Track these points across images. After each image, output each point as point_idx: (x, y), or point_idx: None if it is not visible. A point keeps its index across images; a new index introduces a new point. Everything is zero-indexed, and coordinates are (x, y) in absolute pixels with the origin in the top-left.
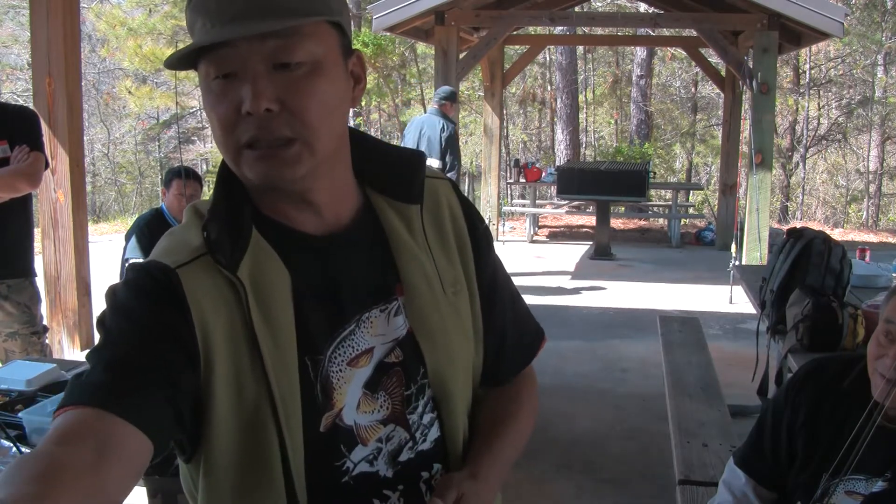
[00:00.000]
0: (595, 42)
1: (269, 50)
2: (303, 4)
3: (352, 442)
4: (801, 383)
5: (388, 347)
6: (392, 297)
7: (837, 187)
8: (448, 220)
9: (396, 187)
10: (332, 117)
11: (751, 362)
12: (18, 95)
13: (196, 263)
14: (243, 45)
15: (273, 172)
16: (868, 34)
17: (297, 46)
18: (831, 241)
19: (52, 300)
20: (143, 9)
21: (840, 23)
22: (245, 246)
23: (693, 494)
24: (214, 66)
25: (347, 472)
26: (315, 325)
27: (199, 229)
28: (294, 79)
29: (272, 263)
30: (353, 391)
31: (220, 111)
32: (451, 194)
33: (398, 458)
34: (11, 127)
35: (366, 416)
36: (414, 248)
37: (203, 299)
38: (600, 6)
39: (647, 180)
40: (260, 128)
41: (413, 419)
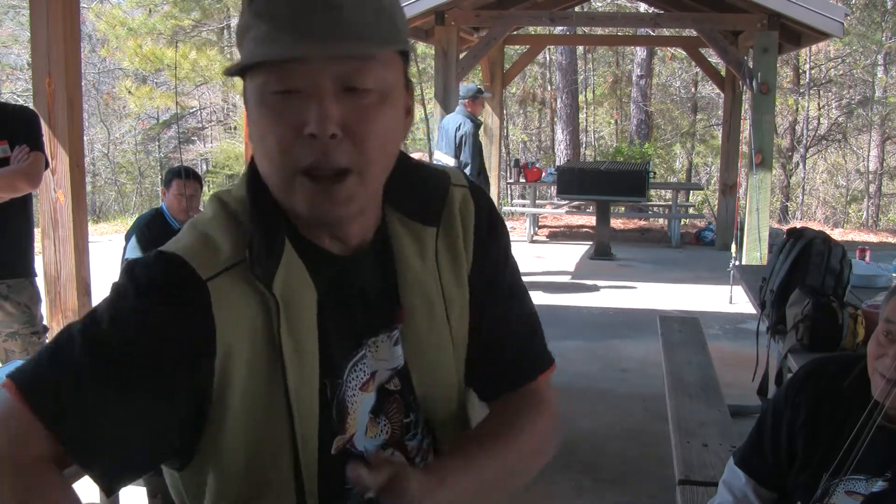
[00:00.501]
0: (595, 42)
1: (341, 71)
2: (380, 29)
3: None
4: (801, 383)
5: (388, 374)
6: (394, 325)
7: (837, 187)
8: (460, 237)
9: (415, 207)
10: (388, 150)
11: (751, 362)
12: (18, 95)
13: (226, 275)
14: (316, 63)
15: (325, 208)
16: (868, 34)
17: (370, 72)
18: (831, 241)
19: (52, 300)
20: (143, 9)
21: (840, 23)
22: (279, 257)
23: (693, 494)
24: (277, 79)
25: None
26: (335, 348)
27: (229, 231)
28: (361, 105)
29: (301, 278)
30: (362, 417)
31: (278, 130)
32: (468, 202)
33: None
34: (11, 127)
35: (370, 442)
36: (420, 273)
37: (229, 315)
38: (600, 6)
39: (647, 180)
40: (322, 153)
41: (412, 445)
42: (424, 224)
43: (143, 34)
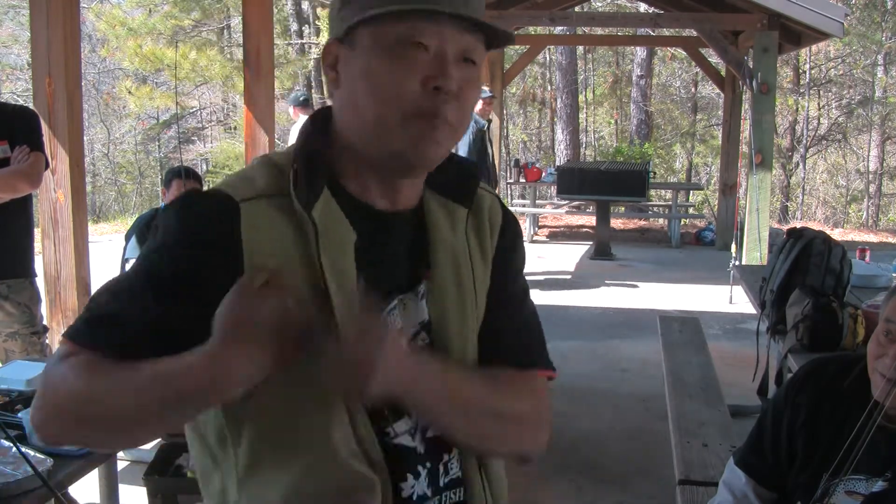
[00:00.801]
0: (595, 42)
1: (466, 43)
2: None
3: (398, 410)
4: (801, 383)
5: (415, 330)
6: (421, 282)
7: (837, 187)
8: (487, 230)
9: (452, 189)
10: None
11: (751, 362)
12: (18, 95)
13: (261, 200)
14: (446, 30)
15: (424, 147)
16: (868, 34)
17: (481, 49)
18: (831, 241)
19: (52, 300)
20: (143, 9)
21: (840, 23)
22: (318, 196)
23: (693, 494)
24: (413, 32)
25: (389, 437)
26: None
27: (269, 173)
28: (472, 75)
29: (340, 220)
30: None
31: (402, 76)
32: (496, 206)
33: (426, 434)
34: (11, 127)
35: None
36: (451, 240)
37: (260, 237)
38: (600, 6)
39: (647, 180)
40: (440, 104)
41: None
42: (457, 203)
43: (143, 34)
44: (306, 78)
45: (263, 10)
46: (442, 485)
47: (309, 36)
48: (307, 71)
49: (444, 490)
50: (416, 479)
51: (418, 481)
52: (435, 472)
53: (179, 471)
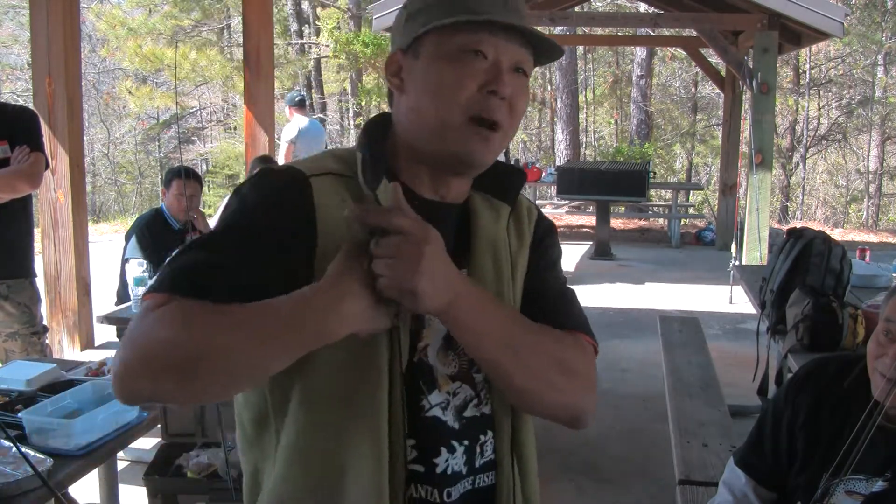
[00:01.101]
0: (595, 42)
1: (519, 55)
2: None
3: (431, 382)
4: (801, 383)
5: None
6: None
7: (837, 187)
8: (526, 227)
9: (497, 189)
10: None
11: (751, 362)
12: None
13: (330, 177)
14: (502, 42)
15: (477, 150)
16: (868, 34)
17: (531, 62)
18: (831, 241)
19: (52, 300)
20: (143, 9)
21: (840, 23)
22: (380, 182)
23: (693, 494)
24: (473, 40)
25: (424, 410)
26: None
27: (336, 160)
28: (522, 84)
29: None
30: (436, 336)
31: (462, 81)
32: (533, 209)
33: (463, 412)
34: (11, 127)
35: (441, 368)
36: (492, 231)
37: (329, 210)
38: (600, 6)
39: (647, 180)
40: (493, 108)
41: (478, 378)
42: (500, 200)
43: (143, 34)
44: (306, 78)
45: (263, 10)
46: (477, 466)
47: (309, 36)
48: (307, 71)
49: (478, 472)
50: (451, 455)
51: (453, 456)
52: (472, 451)
53: (179, 471)
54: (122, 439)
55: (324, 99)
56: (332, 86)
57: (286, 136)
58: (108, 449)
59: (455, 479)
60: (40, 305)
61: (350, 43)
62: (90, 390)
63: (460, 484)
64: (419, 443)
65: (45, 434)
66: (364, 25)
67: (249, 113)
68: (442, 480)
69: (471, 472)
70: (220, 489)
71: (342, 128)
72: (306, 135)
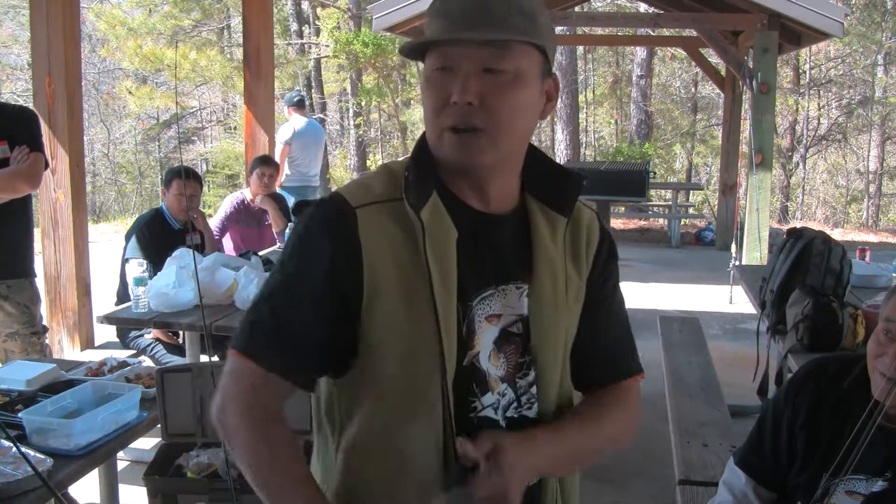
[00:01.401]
0: (595, 42)
1: (483, 56)
2: (520, 25)
3: (483, 385)
4: (801, 383)
5: (512, 319)
6: (524, 281)
7: (837, 187)
8: (584, 242)
9: (553, 198)
10: (518, 121)
11: (751, 362)
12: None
13: (376, 206)
14: (463, 48)
15: (463, 156)
16: (868, 34)
17: (506, 58)
18: (831, 241)
19: (52, 300)
20: (143, 9)
21: (840, 23)
22: (427, 198)
23: (693, 494)
24: (437, 59)
25: (476, 411)
26: (468, 279)
27: (385, 181)
28: (497, 83)
29: (445, 220)
30: (486, 341)
31: (433, 97)
32: (595, 223)
33: (506, 412)
34: (11, 127)
35: (493, 370)
36: (551, 248)
37: (375, 238)
38: (600, 6)
39: (647, 180)
40: (461, 116)
41: (521, 384)
42: (558, 213)
43: (143, 34)
44: (306, 78)
45: (263, 10)
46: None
47: (309, 36)
48: (307, 71)
49: None
50: None
51: None
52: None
53: (179, 471)
54: (122, 439)
55: (324, 99)
56: (332, 86)
57: (281, 136)
58: (108, 449)
59: None
60: (40, 305)
61: (350, 43)
62: (90, 390)
63: None
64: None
65: (45, 434)
66: (364, 25)
67: (249, 113)
68: None
69: None
70: (220, 489)
71: (342, 128)
72: (303, 136)
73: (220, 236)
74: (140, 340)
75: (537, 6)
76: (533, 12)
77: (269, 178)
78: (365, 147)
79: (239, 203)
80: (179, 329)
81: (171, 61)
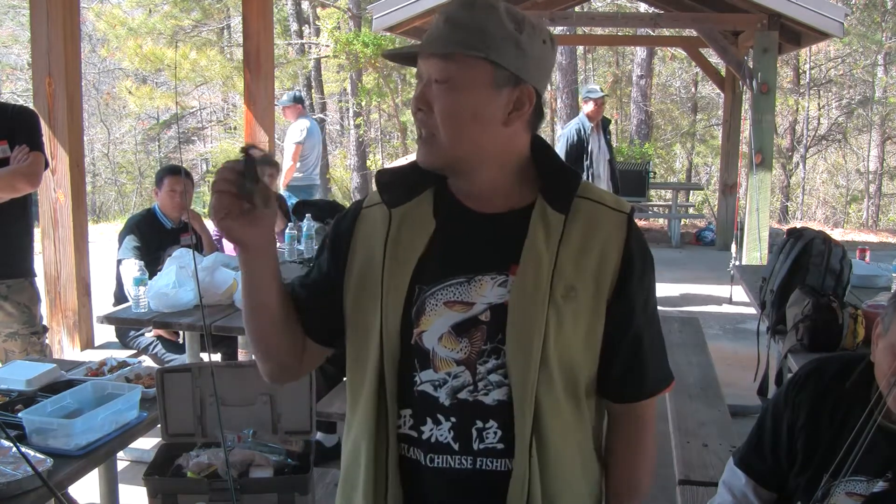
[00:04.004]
0: (595, 42)
1: (431, 67)
2: (463, 40)
3: (424, 363)
4: (802, 383)
5: (482, 307)
6: (505, 272)
7: (837, 187)
8: (598, 243)
9: (551, 195)
10: (463, 126)
11: (751, 362)
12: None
13: (375, 207)
14: (423, 62)
15: (420, 156)
16: (868, 34)
17: (443, 69)
18: (831, 241)
19: (52, 300)
20: (143, 9)
21: (840, 23)
22: (412, 197)
23: (693, 494)
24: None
25: (414, 385)
26: (433, 266)
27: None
28: (439, 90)
29: (424, 212)
30: (439, 324)
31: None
32: (620, 228)
33: (458, 393)
34: (11, 127)
35: (445, 351)
36: (540, 244)
37: (366, 229)
38: (600, 6)
39: (647, 180)
40: (418, 121)
41: (480, 370)
42: (554, 209)
43: (143, 34)
44: (306, 78)
45: (263, 10)
46: (476, 448)
47: (309, 36)
48: (307, 71)
49: (478, 455)
50: (437, 426)
51: (438, 428)
52: (464, 431)
53: (179, 471)
54: (122, 439)
55: (324, 99)
56: (332, 86)
57: (293, 137)
58: (108, 449)
59: (440, 448)
60: (40, 305)
61: (350, 43)
62: (90, 390)
63: (450, 457)
64: (414, 412)
65: (45, 434)
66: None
67: (249, 113)
68: (427, 446)
69: (467, 452)
70: (220, 489)
71: (342, 128)
72: (312, 135)
73: (220, 236)
74: (141, 339)
75: (504, 23)
76: (489, 29)
77: (270, 178)
78: (365, 147)
79: None
80: (179, 329)
81: (171, 61)
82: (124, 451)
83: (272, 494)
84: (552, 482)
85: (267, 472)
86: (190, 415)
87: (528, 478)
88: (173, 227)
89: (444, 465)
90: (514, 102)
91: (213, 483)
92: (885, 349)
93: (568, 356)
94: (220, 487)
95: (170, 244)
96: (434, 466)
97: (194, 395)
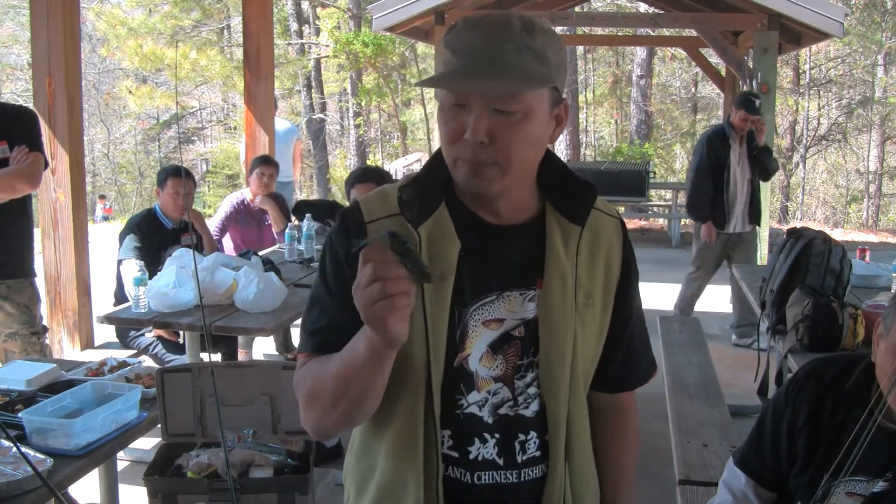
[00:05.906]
0: (595, 42)
1: (493, 98)
2: (531, 68)
3: (470, 385)
4: (802, 383)
5: (515, 323)
6: (532, 287)
7: (837, 187)
8: (603, 249)
9: (568, 208)
10: (528, 152)
11: (751, 362)
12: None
13: (382, 221)
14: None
15: (474, 183)
16: (868, 34)
17: (515, 100)
18: (831, 241)
19: (52, 300)
20: (143, 9)
21: (840, 23)
22: (430, 213)
23: (693, 494)
24: (453, 96)
25: (461, 408)
26: (467, 286)
27: (381, 201)
28: (508, 122)
29: (448, 232)
30: (479, 345)
31: (449, 128)
32: (617, 233)
33: (498, 409)
34: (11, 127)
35: (483, 370)
36: (562, 256)
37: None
38: (600, 6)
39: (647, 180)
40: (473, 151)
41: (519, 385)
42: (571, 221)
43: (143, 34)
44: (306, 78)
45: (263, 10)
46: (520, 461)
47: (309, 36)
48: (307, 71)
49: (522, 466)
50: (483, 445)
51: (485, 447)
52: (507, 446)
53: (179, 471)
54: (122, 439)
55: (324, 99)
56: (332, 86)
57: None
58: (108, 449)
59: (486, 465)
60: (40, 305)
61: (350, 43)
62: (90, 390)
63: (495, 472)
64: (454, 433)
65: (45, 434)
66: (364, 25)
67: (249, 113)
68: (472, 465)
69: (511, 466)
70: (220, 489)
71: (342, 128)
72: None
73: (219, 236)
74: (141, 339)
75: (550, 43)
76: (544, 51)
77: (269, 178)
78: (365, 147)
79: (239, 203)
80: (179, 329)
81: (171, 61)
82: (124, 451)
83: (272, 494)
84: (579, 479)
85: (267, 472)
86: (190, 415)
87: (564, 480)
88: (174, 228)
89: (490, 482)
90: (556, 118)
91: (213, 483)
92: (887, 350)
93: (587, 359)
94: (220, 487)
95: (170, 244)
96: (480, 484)
97: (194, 395)
